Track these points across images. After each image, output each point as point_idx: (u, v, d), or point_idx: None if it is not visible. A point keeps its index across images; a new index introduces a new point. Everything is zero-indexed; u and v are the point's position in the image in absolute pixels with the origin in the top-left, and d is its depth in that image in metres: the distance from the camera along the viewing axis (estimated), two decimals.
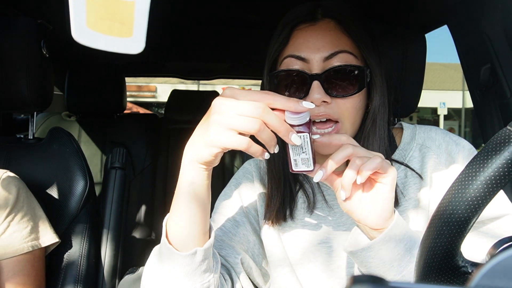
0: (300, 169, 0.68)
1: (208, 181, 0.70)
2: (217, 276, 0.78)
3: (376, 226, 0.70)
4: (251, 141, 0.62)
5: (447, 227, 0.47)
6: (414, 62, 1.28)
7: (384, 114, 0.86)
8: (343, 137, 0.70)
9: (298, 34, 0.83)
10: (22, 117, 2.42)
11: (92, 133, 2.28)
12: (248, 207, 0.94)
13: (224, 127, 0.61)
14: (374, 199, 0.69)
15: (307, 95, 0.80)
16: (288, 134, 0.62)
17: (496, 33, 1.20)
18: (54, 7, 1.55)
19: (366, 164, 0.66)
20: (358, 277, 0.27)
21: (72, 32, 0.38)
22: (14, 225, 1.11)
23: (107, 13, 0.38)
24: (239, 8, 1.67)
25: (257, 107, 0.60)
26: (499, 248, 0.49)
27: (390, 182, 0.68)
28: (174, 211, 0.72)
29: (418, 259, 0.51)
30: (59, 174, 1.34)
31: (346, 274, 0.88)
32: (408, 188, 0.88)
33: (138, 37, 0.40)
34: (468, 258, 0.50)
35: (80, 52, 1.64)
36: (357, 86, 0.81)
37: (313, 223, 0.91)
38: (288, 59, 0.82)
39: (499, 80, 1.22)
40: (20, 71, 1.24)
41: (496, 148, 0.45)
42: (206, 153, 0.64)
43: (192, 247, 0.71)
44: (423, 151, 0.90)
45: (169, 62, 2.63)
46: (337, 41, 0.81)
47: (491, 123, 1.30)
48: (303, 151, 0.65)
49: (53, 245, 1.21)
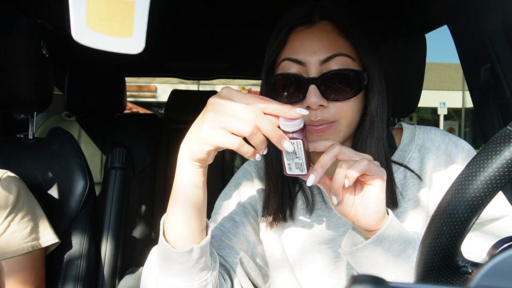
0: (294, 173, 0.69)
1: (204, 179, 0.70)
2: (216, 274, 0.78)
3: (370, 227, 0.70)
4: (243, 142, 0.62)
5: (447, 227, 0.47)
6: (414, 62, 1.28)
7: (383, 115, 0.85)
8: (328, 142, 0.70)
9: (295, 37, 0.83)
10: (22, 117, 2.42)
11: (92, 133, 2.27)
12: (248, 207, 0.94)
13: (217, 126, 0.61)
14: (365, 201, 0.69)
15: (304, 98, 0.79)
16: (281, 140, 0.62)
17: (496, 33, 1.20)
18: (54, 7, 1.55)
19: (352, 167, 0.66)
20: (358, 277, 0.27)
21: (72, 32, 0.38)
22: (14, 225, 1.11)
23: (107, 13, 0.38)
24: (239, 8, 1.67)
25: (251, 111, 0.60)
26: (499, 248, 0.49)
27: (380, 184, 0.68)
28: (171, 208, 0.72)
29: (418, 259, 0.51)
30: (59, 174, 1.34)
31: (345, 274, 0.88)
32: (408, 189, 0.88)
33: (138, 37, 0.40)
34: (468, 258, 0.50)
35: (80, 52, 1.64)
36: (354, 90, 0.81)
37: (313, 224, 0.91)
38: (285, 62, 0.82)
39: (499, 80, 1.22)
40: (20, 71, 1.24)
41: (496, 148, 0.45)
42: (198, 150, 0.64)
43: (188, 244, 0.72)
44: (423, 152, 0.90)
45: (169, 62, 2.63)
46: (334, 44, 0.81)
47: (491, 123, 1.30)
48: (297, 157, 0.66)
49: (53, 246, 1.21)
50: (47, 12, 1.63)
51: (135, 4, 0.39)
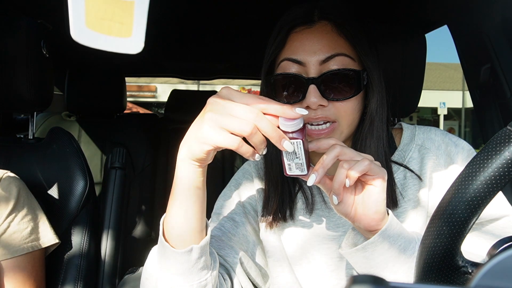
0: (294, 173, 0.69)
1: (203, 178, 0.70)
2: (215, 274, 0.78)
3: (370, 227, 0.70)
4: (242, 141, 0.62)
5: (447, 227, 0.47)
6: (414, 62, 1.28)
7: (383, 115, 0.85)
8: (331, 140, 0.70)
9: (294, 37, 0.83)
10: (22, 117, 2.42)
11: (92, 133, 2.27)
12: (248, 207, 0.94)
13: (217, 125, 0.61)
14: (365, 201, 0.69)
15: (303, 98, 0.79)
16: (280, 140, 0.62)
17: (496, 33, 1.20)
18: (54, 7, 1.54)
19: (353, 167, 0.66)
20: (358, 277, 0.27)
21: (72, 32, 0.38)
22: (14, 225, 1.11)
23: (106, 13, 0.38)
24: (239, 8, 1.67)
25: (251, 111, 0.60)
26: (499, 248, 0.49)
27: (380, 184, 0.68)
28: (170, 208, 0.72)
29: (418, 259, 0.51)
30: (59, 174, 1.34)
31: (345, 274, 0.88)
32: (408, 189, 0.88)
33: (138, 37, 0.40)
34: (468, 258, 0.50)
35: (80, 52, 1.64)
36: (354, 89, 0.81)
37: (313, 224, 0.91)
38: (285, 62, 0.82)
39: (499, 80, 1.22)
40: (20, 71, 1.24)
41: (496, 148, 0.45)
42: (197, 150, 0.64)
43: (188, 244, 0.72)
44: (422, 152, 0.90)
45: (169, 62, 2.63)
46: (334, 43, 0.81)
47: (491, 123, 1.30)
48: (297, 157, 0.66)
49: (53, 246, 1.21)
50: (47, 12, 1.63)
51: (134, 4, 0.39)
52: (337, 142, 0.70)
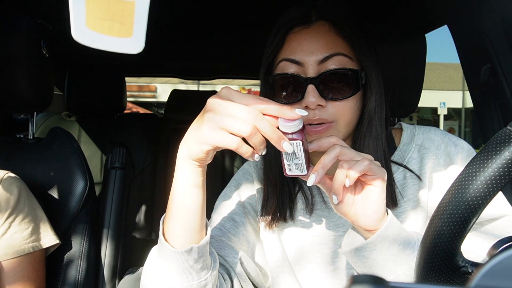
0: (294, 174, 0.69)
1: (203, 178, 0.70)
2: (215, 274, 0.78)
3: (369, 227, 0.70)
4: (242, 142, 0.62)
5: (447, 227, 0.47)
6: (414, 62, 1.28)
7: (381, 114, 0.85)
8: (332, 139, 0.70)
9: (293, 37, 0.83)
10: (22, 117, 2.42)
11: (92, 133, 2.27)
12: (248, 208, 0.94)
13: (216, 126, 0.61)
14: (365, 201, 0.69)
15: (302, 98, 0.80)
16: (280, 141, 0.62)
17: (496, 33, 1.20)
18: (54, 7, 1.55)
19: (353, 167, 0.66)
20: (358, 277, 0.27)
21: (72, 32, 0.38)
22: (15, 226, 1.11)
23: (107, 13, 0.38)
24: (239, 8, 1.67)
25: (250, 112, 0.60)
26: (499, 248, 0.49)
27: (380, 184, 0.68)
28: (170, 208, 0.72)
29: (418, 259, 0.51)
30: (59, 174, 1.34)
31: (346, 274, 0.88)
32: (407, 189, 0.88)
33: (138, 37, 0.40)
34: (468, 258, 0.50)
35: (80, 52, 1.64)
36: (352, 89, 0.81)
37: (313, 224, 0.91)
38: (283, 63, 0.82)
39: (499, 80, 1.22)
40: (20, 71, 1.24)
41: (496, 148, 0.45)
42: (197, 150, 0.64)
43: (188, 244, 0.72)
44: (422, 152, 0.90)
45: (169, 62, 2.63)
46: (332, 43, 0.81)
47: (491, 123, 1.30)
48: (296, 157, 0.66)
49: (53, 247, 1.21)
50: (47, 12, 1.63)
51: (135, 4, 0.39)
52: (338, 141, 0.70)
